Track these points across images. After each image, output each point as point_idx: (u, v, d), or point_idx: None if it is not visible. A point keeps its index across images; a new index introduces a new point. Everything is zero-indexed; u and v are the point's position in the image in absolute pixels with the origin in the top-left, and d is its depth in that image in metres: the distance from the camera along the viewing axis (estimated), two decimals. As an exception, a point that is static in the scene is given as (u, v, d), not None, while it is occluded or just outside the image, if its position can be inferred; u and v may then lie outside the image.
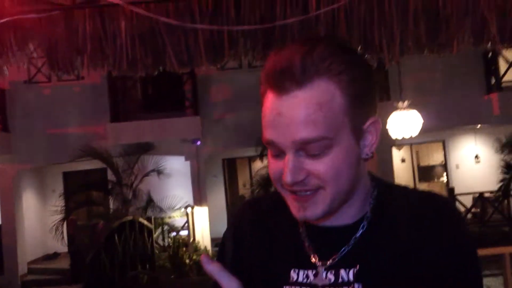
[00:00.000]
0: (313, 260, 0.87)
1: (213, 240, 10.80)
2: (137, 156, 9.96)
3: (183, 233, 10.63)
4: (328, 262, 0.85)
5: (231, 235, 0.99)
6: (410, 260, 0.82)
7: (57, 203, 9.95)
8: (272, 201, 0.95)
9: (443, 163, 12.73)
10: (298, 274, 0.87)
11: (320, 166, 0.80)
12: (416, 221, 0.84)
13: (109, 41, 2.86)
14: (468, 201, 10.46)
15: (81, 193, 10.35)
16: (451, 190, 10.13)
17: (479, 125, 11.35)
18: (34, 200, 11.89)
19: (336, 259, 0.85)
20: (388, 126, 6.07)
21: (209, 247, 10.30)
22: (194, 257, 9.63)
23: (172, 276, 8.99)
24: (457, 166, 12.45)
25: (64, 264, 10.27)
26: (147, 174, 10.13)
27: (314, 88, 0.78)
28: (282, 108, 0.79)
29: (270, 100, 0.81)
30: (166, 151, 10.63)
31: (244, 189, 12.47)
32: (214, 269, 0.75)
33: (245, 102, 8.95)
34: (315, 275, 0.86)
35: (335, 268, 0.85)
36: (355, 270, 0.84)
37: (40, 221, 11.77)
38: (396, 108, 6.16)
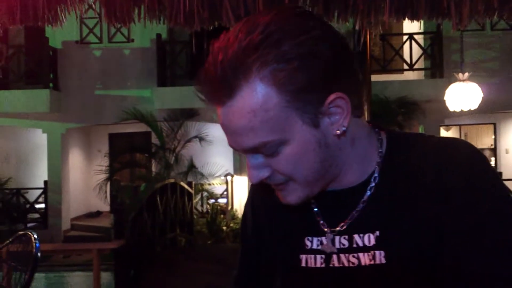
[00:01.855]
0: (322, 226, 0.85)
1: (251, 209, 10.86)
2: (181, 121, 10.06)
3: (222, 200, 10.74)
4: (338, 228, 0.83)
5: (250, 206, 0.99)
6: (431, 217, 0.75)
7: (102, 163, 10.21)
8: None
9: (492, 146, 12.33)
10: (312, 242, 0.86)
11: (277, 164, 0.77)
12: (434, 172, 0.77)
13: (167, -9, 2.83)
14: (516, 187, 10.12)
15: (125, 154, 10.56)
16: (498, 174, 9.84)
17: (534, 110, 10.90)
18: (80, 159, 12.24)
19: (347, 224, 0.82)
20: (445, 98, 5.86)
21: (246, 216, 10.38)
22: (231, 224, 9.74)
23: (209, 242, 9.13)
24: (507, 151, 12.03)
25: (105, 222, 10.55)
26: (189, 140, 10.23)
27: (244, 95, 0.73)
28: (223, 119, 0.77)
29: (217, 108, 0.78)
30: (210, 118, 10.67)
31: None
32: None
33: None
34: (328, 241, 0.84)
35: (348, 233, 0.82)
36: (373, 236, 0.80)
37: (84, 180, 12.12)
38: (451, 82, 5.95)
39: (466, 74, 5.83)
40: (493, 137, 12.36)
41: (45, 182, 10.83)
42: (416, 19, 2.80)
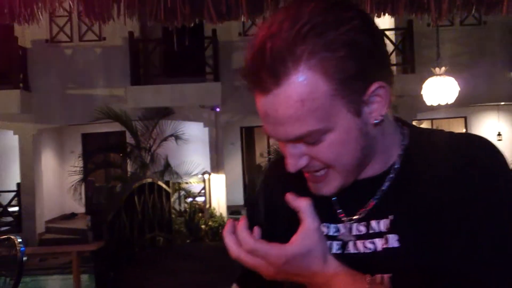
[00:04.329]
0: (340, 214, 0.86)
1: (229, 207, 10.85)
2: (156, 120, 9.96)
3: (200, 199, 10.69)
4: (356, 216, 0.84)
5: (262, 194, 0.99)
6: (447, 208, 0.77)
7: (76, 164, 10.05)
8: None
9: (464, 140, 12.61)
10: (329, 228, 0.86)
11: (319, 152, 0.78)
12: (450, 164, 0.79)
13: (147, -12, 2.80)
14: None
15: (99, 155, 10.41)
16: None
17: (502, 102, 11.18)
18: (52, 161, 12.01)
19: (364, 212, 0.84)
20: (422, 92, 5.96)
21: (224, 214, 10.37)
22: (210, 223, 9.70)
23: (188, 241, 9.09)
24: (478, 143, 12.33)
25: (81, 224, 10.38)
26: (165, 139, 10.14)
27: (292, 84, 0.73)
28: (266, 108, 0.76)
29: (256, 97, 0.77)
30: (185, 116, 10.62)
31: (261, 158, 12.44)
32: (303, 205, 0.76)
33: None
34: (345, 229, 0.85)
35: (365, 220, 0.83)
36: (388, 221, 0.81)
37: (58, 182, 11.91)
38: (422, 77, 6.04)
39: (443, 68, 5.93)
40: (464, 130, 12.63)
41: (18, 184, 10.60)
42: (397, 14, 2.84)
